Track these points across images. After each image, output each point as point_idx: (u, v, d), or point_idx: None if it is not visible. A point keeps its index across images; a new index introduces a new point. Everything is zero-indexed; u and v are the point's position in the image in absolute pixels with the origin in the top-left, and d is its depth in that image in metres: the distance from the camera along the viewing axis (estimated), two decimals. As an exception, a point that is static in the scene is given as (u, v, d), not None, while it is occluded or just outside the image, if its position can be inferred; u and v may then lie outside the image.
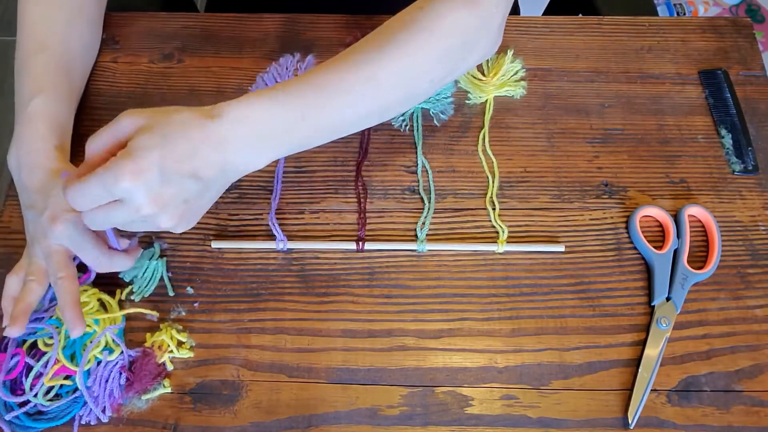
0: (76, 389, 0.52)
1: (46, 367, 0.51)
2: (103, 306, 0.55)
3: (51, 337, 0.53)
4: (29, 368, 0.52)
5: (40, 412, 0.51)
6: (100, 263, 0.51)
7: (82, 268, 0.54)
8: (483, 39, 0.54)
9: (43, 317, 0.54)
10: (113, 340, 0.53)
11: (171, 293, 0.56)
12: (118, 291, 0.56)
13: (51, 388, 0.52)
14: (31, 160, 0.53)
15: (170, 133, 0.42)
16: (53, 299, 0.54)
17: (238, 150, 0.45)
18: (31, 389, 0.51)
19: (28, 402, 0.51)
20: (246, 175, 0.61)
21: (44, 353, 0.52)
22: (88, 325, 0.52)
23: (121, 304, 0.56)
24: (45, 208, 0.50)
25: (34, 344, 0.53)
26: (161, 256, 0.57)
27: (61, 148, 0.55)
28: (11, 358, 0.52)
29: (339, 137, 0.52)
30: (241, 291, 0.57)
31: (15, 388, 0.52)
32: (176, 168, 0.42)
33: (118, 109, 0.65)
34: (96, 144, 0.44)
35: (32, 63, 0.57)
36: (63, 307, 0.48)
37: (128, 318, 0.55)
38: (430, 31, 0.50)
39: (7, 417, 0.50)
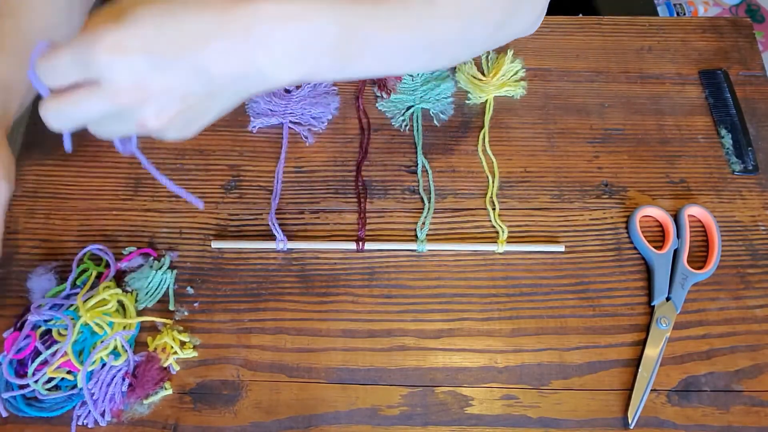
0: (75, 386, 0.52)
1: (53, 356, 0.51)
2: (123, 307, 0.55)
3: (65, 329, 0.53)
4: (37, 353, 0.52)
5: (36, 399, 0.51)
6: None
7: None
8: (531, 3, 0.48)
9: (63, 305, 0.53)
10: (122, 346, 0.53)
11: (171, 307, 0.55)
12: (133, 295, 0.56)
13: (52, 378, 0.52)
14: None
15: (178, 10, 0.32)
16: (76, 286, 0.55)
17: (269, 50, 0.34)
18: (33, 374, 0.51)
19: (27, 386, 0.51)
20: (246, 176, 0.62)
21: (55, 342, 0.52)
22: (101, 327, 0.53)
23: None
24: None
25: (48, 331, 0.53)
26: (170, 268, 0.57)
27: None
28: (24, 339, 0.52)
29: (380, 73, 0.42)
30: (241, 291, 0.57)
31: (19, 369, 0.52)
32: (175, 58, 0.32)
33: (118, 109, 0.65)
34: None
35: None
36: None
37: (128, 318, 0.55)
38: None
39: (5, 395, 0.50)
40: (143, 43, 0.31)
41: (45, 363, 0.52)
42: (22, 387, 0.51)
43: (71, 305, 0.53)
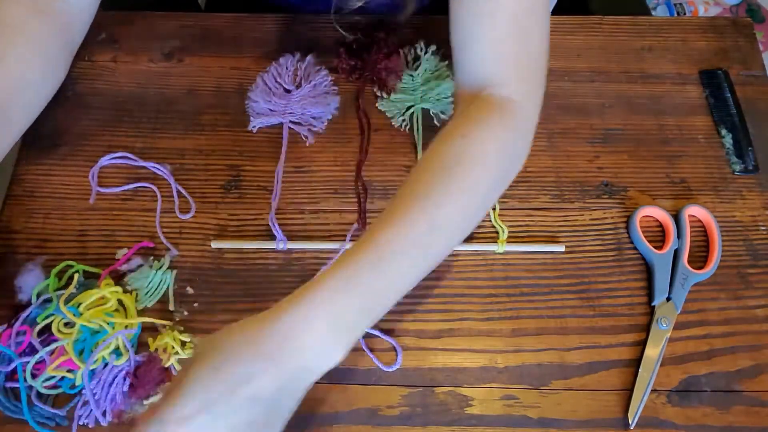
0: (74, 385, 0.52)
1: (50, 355, 0.52)
2: (122, 306, 0.55)
3: (66, 325, 0.53)
4: (33, 351, 0.52)
5: (17, 397, 0.51)
6: None
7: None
8: (526, 144, 0.52)
9: (51, 298, 0.54)
10: (124, 345, 0.53)
11: (171, 307, 0.55)
12: (133, 295, 0.56)
13: (52, 377, 0.52)
14: None
15: (219, 360, 0.38)
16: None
17: (305, 354, 0.39)
18: (33, 377, 0.51)
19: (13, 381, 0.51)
20: (246, 176, 0.62)
21: (55, 340, 0.52)
22: (100, 324, 0.53)
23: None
24: None
25: (46, 329, 0.53)
26: (170, 268, 0.57)
27: None
28: (16, 335, 0.52)
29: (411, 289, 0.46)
30: (241, 291, 0.57)
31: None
32: (227, 400, 0.37)
33: (117, 109, 0.65)
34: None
35: None
36: None
37: (128, 318, 0.55)
38: (480, 163, 0.47)
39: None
40: (201, 406, 0.37)
41: (43, 362, 0.52)
42: (7, 379, 0.51)
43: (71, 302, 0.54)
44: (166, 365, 0.53)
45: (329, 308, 0.40)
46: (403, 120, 0.65)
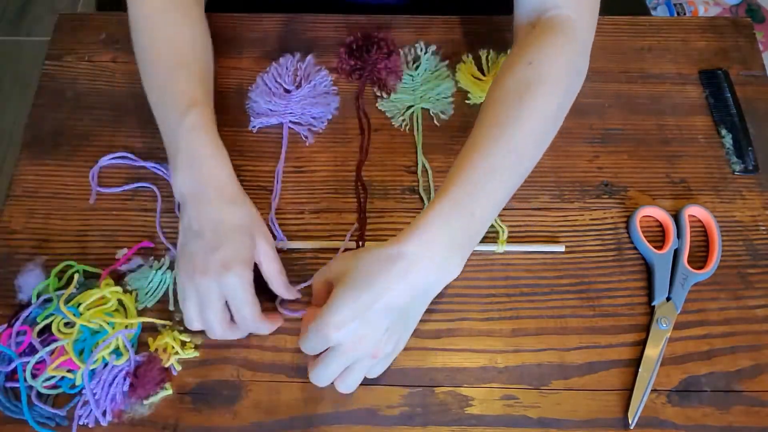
0: (74, 385, 0.52)
1: (50, 354, 0.52)
2: (122, 306, 0.55)
3: (66, 325, 0.53)
4: (32, 350, 0.52)
5: (17, 397, 0.51)
6: (246, 324, 0.51)
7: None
8: (586, 61, 0.58)
9: (51, 298, 0.54)
10: (124, 345, 0.53)
11: (171, 307, 0.55)
12: (133, 295, 0.56)
13: (52, 377, 0.52)
14: (207, 177, 0.53)
15: (361, 278, 0.47)
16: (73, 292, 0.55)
17: (428, 270, 0.47)
18: (33, 377, 0.51)
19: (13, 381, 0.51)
20: (246, 176, 0.62)
21: (55, 340, 0.52)
22: (100, 324, 0.53)
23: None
24: (217, 246, 0.50)
25: (46, 329, 0.53)
26: (170, 268, 0.57)
27: (228, 159, 0.55)
28: (16, 335, 0.52)
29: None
30: (241, 291, 0.57)
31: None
32: (371, 309, 0.46)
33: (118, 108, 0.65)
34: (317, 279, 0.51)
35: (175, 79, 0.56)
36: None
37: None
38: (548, 83, 0.53)
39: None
40: (351, 314, 0.46)
41: (43, 362, 0.52)
42: (7, 379, 0.51)
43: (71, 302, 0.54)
44: (166, 365, 0.53)
45: (443, 232, 0.48)
46: (403, 120, 0.65)
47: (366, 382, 0.53)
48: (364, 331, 0.46)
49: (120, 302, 0.55)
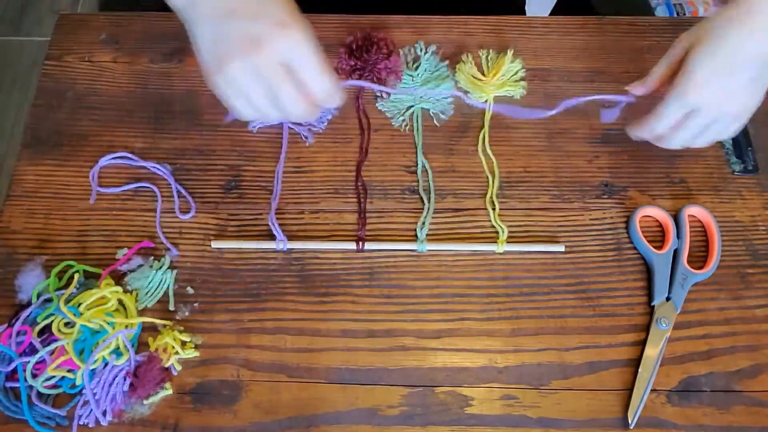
0: (74, 385, 0.52)
1: (50, 354, 0.52)
2: (123, 306, 0.55)
3: (66, 325, 0.53)
4: (32, 349, 0.52)
5: (17, 397, 0.51)
6: (323, 90, 0.45)
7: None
8: None
9: (51, 298, 0.54)
10: (124, 345, 0.53)
11: (171, 307, 0.55)
12: (133, 295, 0.56)
13: (52, 377, 0.52)
14: None
15: (713, 40, 0.47)
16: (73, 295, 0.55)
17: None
18: (34, 377, 0.51)
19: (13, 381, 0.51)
20: (246, 176, 0.62)
21: (55, 340, 0.52)
22: (102, 325, 0.53)
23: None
24: (259, 12, 0.41)
25: (46, 329, 0.53)
26: (170, 268, 0.57)
27: None
28: (17, 335, 0.52)
29: None
30: (241, 291, 0.57)
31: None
32: (730, 63, 0.47)
33: (118, 108, 0.65)
34: (658, 68, 0.53)
35: None
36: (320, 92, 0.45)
37: (128, 318, 0.55)
38: None
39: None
40: (711, 71, 0.48)
41: (43, 362, 0.52)
42: (8, 379, 0.51)
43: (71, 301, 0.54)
44: (166, 365, 0.53)
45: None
46: (403, 120, 0.65)
47: (366, 382, 0.53)
48: (725, 87, 0.48)
49: (120, 302, 0.55)
